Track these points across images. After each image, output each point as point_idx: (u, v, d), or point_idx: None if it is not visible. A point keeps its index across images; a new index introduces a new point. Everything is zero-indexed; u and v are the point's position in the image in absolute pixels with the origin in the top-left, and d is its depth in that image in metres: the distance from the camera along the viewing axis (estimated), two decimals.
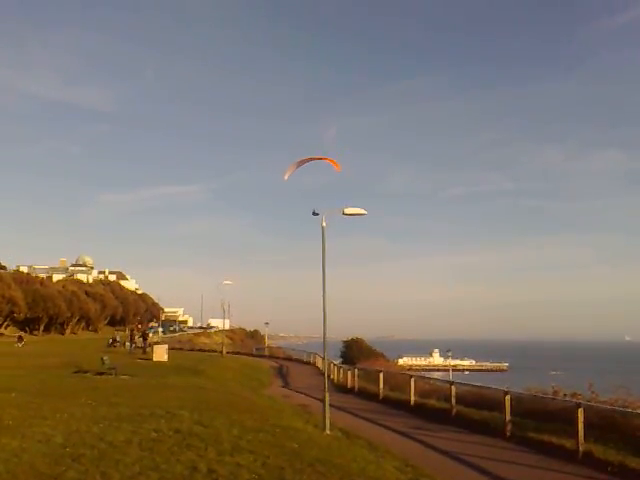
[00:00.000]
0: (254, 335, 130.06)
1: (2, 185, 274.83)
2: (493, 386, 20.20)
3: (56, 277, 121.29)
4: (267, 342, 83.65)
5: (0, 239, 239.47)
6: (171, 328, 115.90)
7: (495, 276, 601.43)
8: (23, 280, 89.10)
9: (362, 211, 18.13)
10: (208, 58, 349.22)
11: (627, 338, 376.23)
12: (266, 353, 65.73)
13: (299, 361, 53.47)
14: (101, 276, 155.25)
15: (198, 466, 9.53)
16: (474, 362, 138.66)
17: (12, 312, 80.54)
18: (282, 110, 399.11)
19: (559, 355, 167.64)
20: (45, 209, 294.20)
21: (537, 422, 17.02)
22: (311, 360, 49.41)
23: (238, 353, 64.69)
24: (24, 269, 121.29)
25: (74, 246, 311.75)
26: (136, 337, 51.86)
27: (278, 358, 59.16)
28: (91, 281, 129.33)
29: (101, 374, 26.77)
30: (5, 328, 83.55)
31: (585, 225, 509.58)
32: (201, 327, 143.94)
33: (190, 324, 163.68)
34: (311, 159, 17.30)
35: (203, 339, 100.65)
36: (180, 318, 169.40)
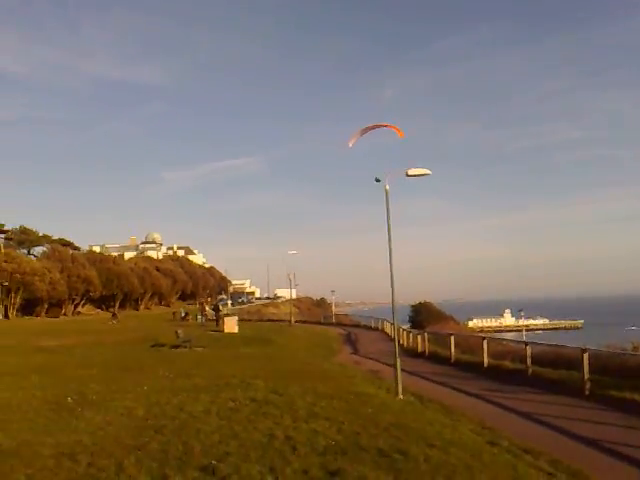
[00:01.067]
0: (321, 303, 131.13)
1: (69, 169, 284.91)
2: (570, 345, 19.66)
3: (127, 255, 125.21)
4: (334, 310, 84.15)
5: (71, 221, 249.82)
6: (239, 300, 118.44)
7: (558, 232, 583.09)
8: (96, 259, 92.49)
9: (426, 171, 17.60)
10: (259, 35, 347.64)
11: None
12: (333, 321, 66.15)
13: (367, 327, 53.52)
14: (170, 252, 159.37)
15: (275, 433, 9.67)
16: (547, 321, 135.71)
17: (88, 291, 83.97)
18: (335, 78, 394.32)
19: (635, 310, 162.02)
20: (112, 189, 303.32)
21: (617, 379, 16.49)
22: (379, 326, 49.35)
23: (306, 322, 65.36)
24: (96, 249, 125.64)
25: (142, 224, 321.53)
26: (207, 309, 53.15)
27: (346, 325, 59.40)
28: (161, 257, 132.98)
29: (176, 347, 27.57)
30: (82, 306, 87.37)
31: None
32: (268, 297, 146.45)
33: (257, 295, 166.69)
34: (376, 126, 16.97)
35: (271, 309, 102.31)
36: (247, 290, 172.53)
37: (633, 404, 14.48)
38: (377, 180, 17.13)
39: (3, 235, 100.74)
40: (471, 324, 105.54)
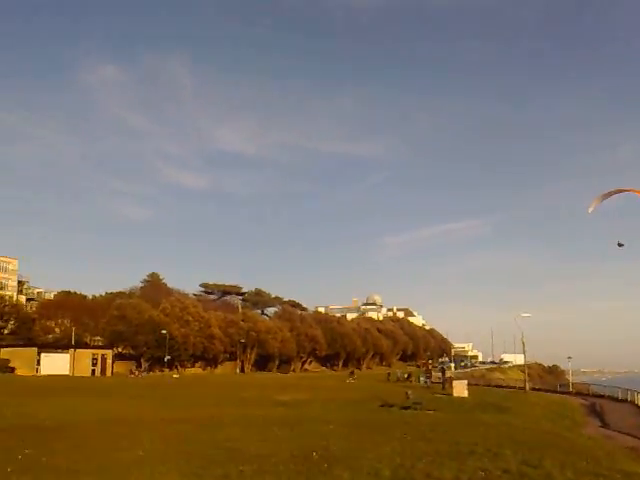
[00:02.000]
0: (552, 370, 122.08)
1: (297, 237, 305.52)
2: None
3: (349, 316, 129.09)
4: (569, 377, 77.21)
5: (299, 283, 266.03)
6: (462, 363, 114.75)
7: None
8: (322, 320, 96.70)
9: None
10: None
11: None
12: (571, 389, 60.43)
13: (612, 398, 47.90)
14: (390, 313, 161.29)
15: None
16: None
17: (314, 349, 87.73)
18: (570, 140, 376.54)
19: None
20: (336, 254, 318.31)
21: None
22: (628, 397, 43.87)
23: (540, 389, 60.61)
24: (321, 309, 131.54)
25: (364, 287, 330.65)
26: (433, 372, 51.89)
27: (587, 395, 53.82)
28: (381, 318, 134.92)
29: (406, 408, 26.88)
30: (309, 364, 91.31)
31: None
32: (493, 362, 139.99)
33: (480, 359, 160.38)
34: (617, 191, 16.21)
35: (497, 374, 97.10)
36: (469, 353, 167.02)
37: None
38: (620, 245, 16.62)
39: (241, 297, 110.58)
40: None
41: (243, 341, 76.19)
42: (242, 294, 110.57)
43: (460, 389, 37.50)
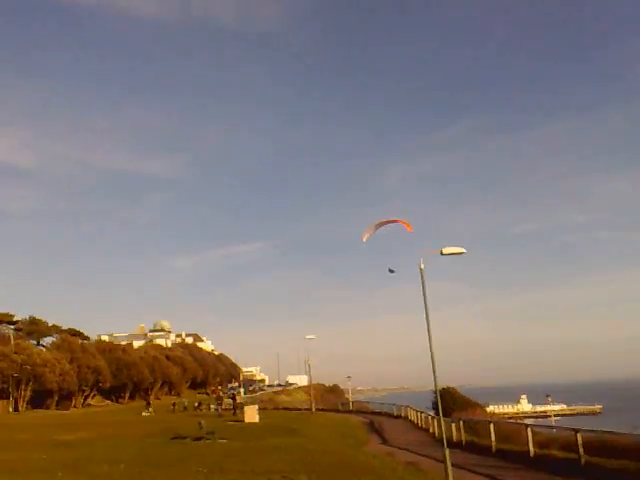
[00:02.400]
0: (333, 390, 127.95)
1: (78, 258, 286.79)
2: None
3: (136, 344, 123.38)
4: (349, 396, 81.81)
5: (80, 311, 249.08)
6: (250, 388, 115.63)
7: (569, 314, 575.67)
8: (106, 349, 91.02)
9: (461, 250, 17.87)
10: (263, 129, 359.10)
11: None
12: (351, 408, 64.04)
13: (388, 415, 51.65)
14: (178, 339, 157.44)
15: None
16: (564, 406, 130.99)
17: (98, 381, 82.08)
18: (336, 167, 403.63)
19: None
20: (120, 278, 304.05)
21: None
22: (402, 413, 47.63)
23: (323, 409, 63.32)
24: (105, 338, 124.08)
25: (151, 312, 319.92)
26: (223, 399, 51.59)
27: (366, 413, 57.43)
28: (170, 345, 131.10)
29: (199, 439, 26.32)
30: (92, 398, 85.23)
31: None
32: (279, 385, 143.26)
33: (267, 382, 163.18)
34: (387, 222, 17.36)
35: (284, 397, 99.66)
36: (257, 377, 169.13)
37: None
38: (391, 271, 17.56)
39: (13, 326, 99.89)
40: (488, 410, 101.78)
41: (16, 375, 68.79)
42: (14, 322, 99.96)
43: (251, 414, 37.71)
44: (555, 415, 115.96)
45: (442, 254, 17.66)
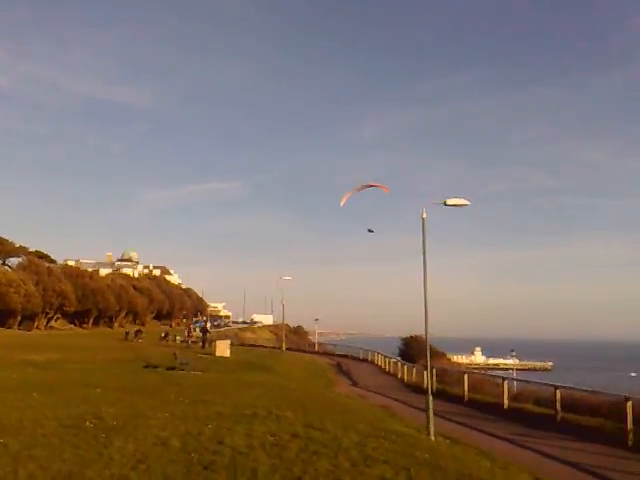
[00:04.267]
0: (297, 331, 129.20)
1: (48, 183, 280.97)
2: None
3: (103, 272, 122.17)
4: (315, 338, 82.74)
5: (48, 235, 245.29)
6: (215, 323, 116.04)
7: (532, 275, 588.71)
8: (72, 274, 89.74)
9: (465, 202, 17.55)
10: (244, 60, 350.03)
11: None
12: (317, 349, 64.78)
13: (354, 358, 52.34)
14: (146, 271, 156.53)
15: (343, 479, 8.54)
16: (517, 361, 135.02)
17: (62, 305, 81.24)
18: (320, 108, 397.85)
19: (606, 355, 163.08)
20: (90, 206, 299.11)
21: None
22: (368, 358, 48.27)
23: (290, 349, 63.90)
24: (72, 263, 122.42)
25: (119, 242, 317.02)
26: (193, 331, 51.53)
27: (332, 355, 58.15)
28: (137, 276, 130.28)
29: (172, 369, 26.09)
30: (55, 321, 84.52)
31: (631, 224, 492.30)
32: (245, 322, 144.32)
33: (232, 319, 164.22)
34: (365, 186, 17.61)
35: (249, 334, 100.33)
36: (222, 313, 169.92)
37: None
38: (370, 231, 18.47)
39: None
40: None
41: None
42: None
43: (223, 349, 37.65)
44: (507, 369, 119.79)
45: (445, 205, 17.41)
